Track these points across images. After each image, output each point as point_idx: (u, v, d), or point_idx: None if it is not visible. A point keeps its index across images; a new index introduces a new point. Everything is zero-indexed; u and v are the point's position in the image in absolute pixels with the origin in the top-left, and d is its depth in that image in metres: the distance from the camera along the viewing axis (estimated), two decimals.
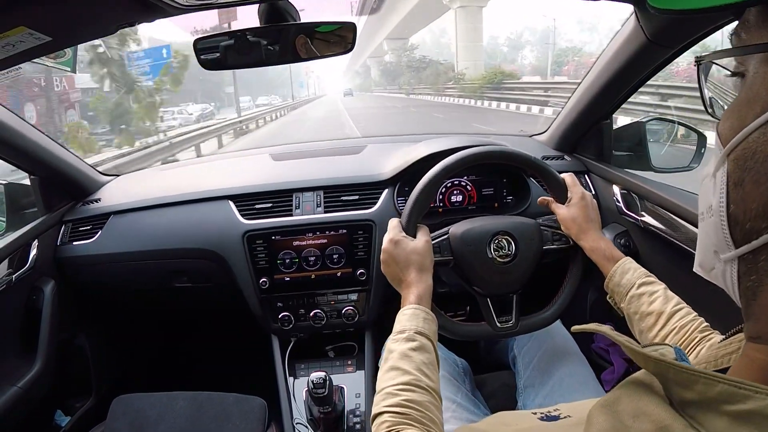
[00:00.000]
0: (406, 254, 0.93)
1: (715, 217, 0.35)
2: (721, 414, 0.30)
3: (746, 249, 0.33)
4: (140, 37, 13.74)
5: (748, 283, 0.34)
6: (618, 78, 1.23)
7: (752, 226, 0.33)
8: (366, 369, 1.38)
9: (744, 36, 0.35)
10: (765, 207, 0.32)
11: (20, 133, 1.25)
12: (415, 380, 0.71)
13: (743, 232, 0.33)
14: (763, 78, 0.32)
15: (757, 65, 0.33)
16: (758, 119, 0.32)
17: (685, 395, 0.32)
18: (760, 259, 0.33)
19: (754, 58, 0.34)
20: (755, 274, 0.33)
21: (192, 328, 1.79)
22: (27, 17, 0.68)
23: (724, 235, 0.35)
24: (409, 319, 0.82)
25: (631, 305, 0.86)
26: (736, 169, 0.34)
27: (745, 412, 0.29)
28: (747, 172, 0.33)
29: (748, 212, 0.33)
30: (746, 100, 0.34)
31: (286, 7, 0.91)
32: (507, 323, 1.05)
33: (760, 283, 0.33)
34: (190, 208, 1.44)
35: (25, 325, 1.36)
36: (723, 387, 0.30)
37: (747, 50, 0.34)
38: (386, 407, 0.68)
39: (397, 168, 1.39)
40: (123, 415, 1.32)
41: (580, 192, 1.04)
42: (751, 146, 0.32)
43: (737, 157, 0.34)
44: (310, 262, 1.36)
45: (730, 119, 0.35)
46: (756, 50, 0.33)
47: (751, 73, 0.34)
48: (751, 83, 0.34)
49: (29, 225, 1.37)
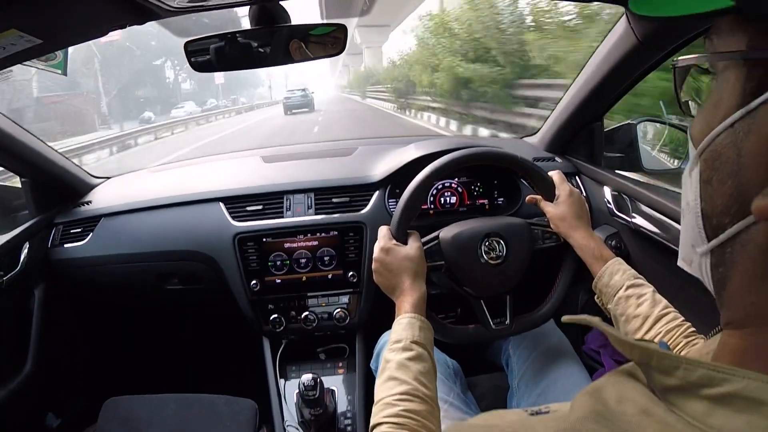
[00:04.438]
0: (398, 262, 0.92)
1: (691, 213, 0.38)
2: (701, 398, 0.31)
3: (715, 243, 0.35)
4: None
5: (717, 275, 0.36)
6: (609, 79, 1.24)
7: (719, 222, 0.35)
8: (357, 371, 1.38)
9: (715, 41, 0.36)
10: (727, 204, 0.34)
11: (11, 135, 1.25)
12: (413, 390, 0.71)
13: (712, 227, 0.36)
14: (727, 84, 0.34)
15: (723, 71, 0.35)
16: (722, 123, 0.34)
17: (666, 382, 0.33)
18: (726, 252, 0.35)
19: (722, 64, 0.35)
20: (723, 266, 0.35)
21: (183, 330, 1.78)
22: (17, 20, 0.68)
23: (699, 230, 0.37)
24: (405, 329, 0.82)
25: (618, 307, 0.86)
26: (706, 169, 0.36)
27: (722, 395, 0.30)
28: (714, 172, 0.35)
29: (715, 208, 0.35)
30: (712, 104, 0.36)
31: (276, 9, 0.92)
32: (502, 324, 1.05)
33: (727, 273, 0.35)
34: (181, 211, 1.44)
35: (16, 326, 1.35)
36: (702, 371, 0.31)
37: (715, 57, 0.36)
38: (384, 418, 0.68)
39: (387, 170, 1.40)
40: (114, 417, 1.32)
41: (568, 189, 1.05)
42: (718, 148, 0.34)
43: (707, 158, 0.36)
44: (301, 264, 1.36)
45: (700, 122, 0.37)
46: (722, 58, 0.35)
47: (718, 78, 0.36)
48: (717, 88, 0.35)
49: (20, 227, 1.37)
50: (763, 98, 0.31)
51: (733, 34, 0.34)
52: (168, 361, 1.84)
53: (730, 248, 0.34)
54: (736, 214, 0.33)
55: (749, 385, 0.29)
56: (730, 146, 0.33)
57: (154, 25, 1.18)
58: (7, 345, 1.33)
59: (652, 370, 0.35)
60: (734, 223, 0.33)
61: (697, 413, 0.31)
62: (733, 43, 0.34)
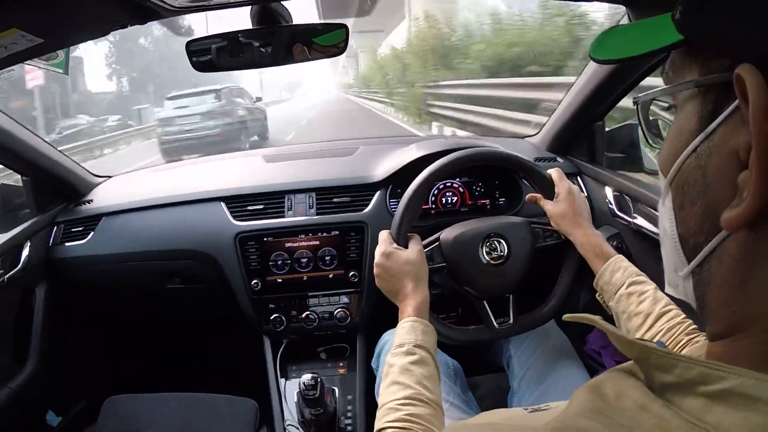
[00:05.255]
0: (400, 266, 0.92)
1: (669, 239, 0.39)
2: (698, 395, 0.32)
3: (695, 263, 0.37)
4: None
5: (699, 292, 0.37)
6: (610, 79, 1.24)
7: (695, 242, 0.36)
8: (358, 371, 1.38)
9: (671, 75, 0.39)
10: (700, 223, 0.35)
11: (12, 134, 1.25)
12: (417, 394, 0.72)
13: (690, 249, 0.37)
14: (687, 113, 0.36)
15: (683, 102, 0.37)
16: (687, 149, 0.35)
17: (664, 379, 0.34)
18: (704, 270, 0.36)
19: (680, 95, 0.37)
20: (702, 284, 0.37)
21: (184, 329, 1.78)
22: (19, 19, 0.68)
23: (678, 253, 0.39)
24: (407, 333, 0.82)
25: (620, 304, 0.86)
26: (677, 195, 0.38)
27: (719, 392, 0.31)
28: (685, 196, 0.37)
29: (690, 230, 0.37)
30: (675, 133, 0.37)
31: (278, 9, 0.92)
32: (505, 324, 1.05)
33: (706, 290, 0.36)
34: (182, 210, 1.44)
35: (17, 325, 1.36)
36: (700, 369, 0.32)
37: (673, 89, 0.38)
38: (389, 423, 0.68)
39: (389, 170, 1.39)
40: (114, 416, 1.32)
41: (567, 186, 1.04)
42: (684, 174, 0.36)
43: (677, 184, 0.37)
44: (302, 264, 1.36)
45: (666, 151, 0.39)
46: (677, 89, 0.37)
47: (678, 107, 0.38)
48: (678, 118, 0.37)
49: (21, 226, 1.37)
50: (720, 119, 0.33)
51: (686, 67, 0.36)
52: (168, 360, 1.85)
53: (708, 265, 0.35)
54: (709, 230, 0.34)
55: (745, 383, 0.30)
56: (696, 169, 0.35)
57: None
58: (8, 344, 1.33)
59: (650, 368, 0.35)
60: (709, 240, 0.34)
61: (694, 410, 0.31)
62: (687, 75, 0.36)
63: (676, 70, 0.38)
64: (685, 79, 0.36)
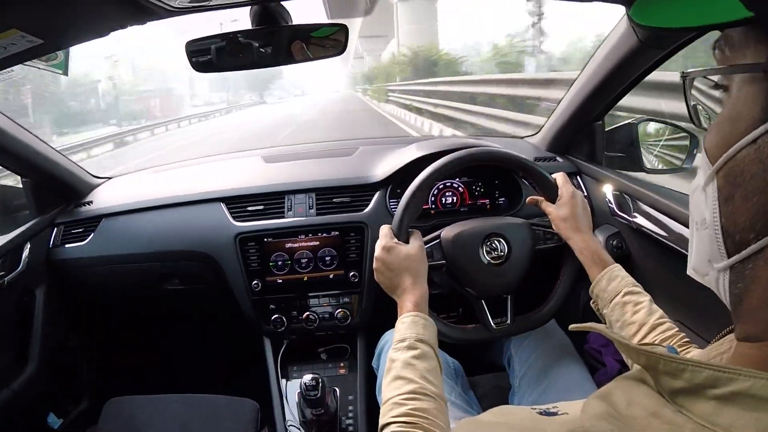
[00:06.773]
0: (400, 261, 0.92)
1: (709, 230, 0.37)
2: (708, 398, 0.32)
3: (736, 259, 0.35)
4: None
5: (735, 290, 0.36)
6: (610, 79, 1.24)
7: (741, 238, 0.34)
8: (359, 371, 1.38)
9: (728, 53, 0.35)
10: (752, 220, 0.33)
11: (11, 135, 1.24)
12: (420, 388, 0.71)
13: (734, 243, 0.35)
14: (746, 98, 0.33)
15: (741, 84, 0.34)
16: (744, 139, 0.33)
17: (674, 384, 0.34)
18: (747, 267, 0.34)
19: (737, 76, 0.34)
20: (742, 282, 0.35)
21: (184, 330, 1.78)
22: (19, 20, 0.68)
23: (718, 246, 0.36)
24: (408, 327, 0.82)
25: (614, 313, 0.86)
26: (726, 185, 0.35)
27: (729, 394, 0.30)
28: (737, 188, 0.34)
29: (738, 225, 0.34)
30: (730, 117, 0.35)
31: (278, 9, 0.92)
32: (503, 324, 1.05)
33: (746, 289, 0.34)
34: (181, 211, 1.44)
35: (18, 327, 1.35)
36: (708, 373, 0.32)
37: (731, 69, 0.35)
38: (393, 417, 0.68)
39: (389, 170, 1.39)
40: (115, 417, 1.32)
41: (571, 190, 1.04)
42: (739, 164, 0.34)
43: (726, 174, 0.35)
44: (303, 264, 1.36)
45: (716, 136, 0.36)
46: (740, 70, 0.34)
47: (734, 91, 0.35)
48: (734, 102, 0.34)
49: (21, 227, 1.37)
50: None
51: (749, 46, 0.34)
52: (169, 361, 1.84)
53: (751, 264, 0.34)
54: (761, 229, 0.32)
55: (755, 384, 0.29)
56: (755, 162, 0.32)
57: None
58: (9, 345, 1.33)
59: (659, 374, 0.35)
60: (759, 238, 0.33)
61: (705, 413, 0.31)
62: (750, 55, 0.33)
63: (733, 48, 0.35)
64: (747, 59, 0.33)
